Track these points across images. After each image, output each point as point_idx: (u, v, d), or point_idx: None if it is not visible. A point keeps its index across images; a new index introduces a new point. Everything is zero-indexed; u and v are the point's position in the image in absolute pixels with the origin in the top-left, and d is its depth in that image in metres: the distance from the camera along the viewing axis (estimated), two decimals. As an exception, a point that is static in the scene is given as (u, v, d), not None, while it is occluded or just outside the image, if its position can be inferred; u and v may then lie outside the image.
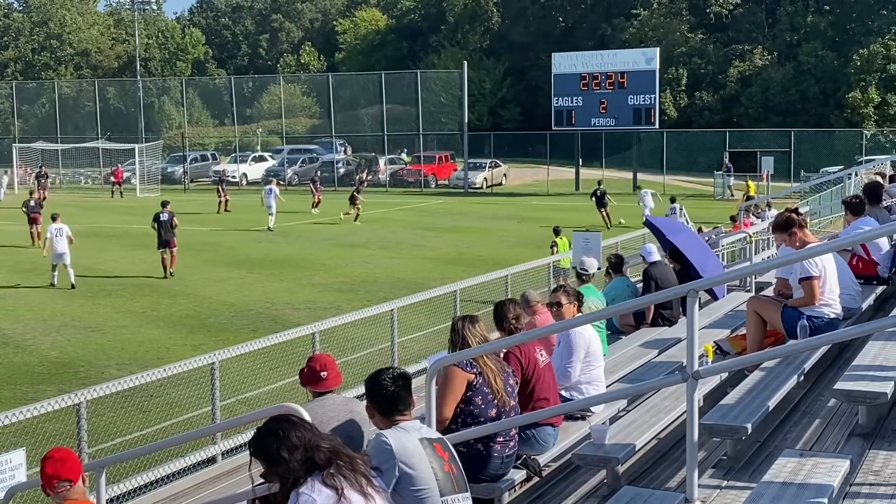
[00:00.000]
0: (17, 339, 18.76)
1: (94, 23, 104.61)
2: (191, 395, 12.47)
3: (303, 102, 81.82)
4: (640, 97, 54.66)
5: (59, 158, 68.30)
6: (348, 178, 64.65)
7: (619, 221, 36.89)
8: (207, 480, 10.26)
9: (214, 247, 32.40)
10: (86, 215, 44.49)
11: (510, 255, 28.03)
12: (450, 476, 4.78)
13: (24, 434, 10.66)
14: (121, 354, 17.49)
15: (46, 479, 5.18)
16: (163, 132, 77.19)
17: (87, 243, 32.90)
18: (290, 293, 23.50)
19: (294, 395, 10.75)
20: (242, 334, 18.05)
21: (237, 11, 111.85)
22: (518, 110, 78.23)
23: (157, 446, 8.88)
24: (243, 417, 8.07)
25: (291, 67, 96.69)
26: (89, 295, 23.40)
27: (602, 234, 19.71)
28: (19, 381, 15.79)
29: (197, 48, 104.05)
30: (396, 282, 24.56)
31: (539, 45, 78.06)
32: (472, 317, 6.85)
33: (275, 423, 4.39)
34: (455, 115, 67.57)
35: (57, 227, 25.16)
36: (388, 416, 4.92)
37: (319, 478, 4.19)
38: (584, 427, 7.45)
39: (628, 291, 12.42)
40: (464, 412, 6.42)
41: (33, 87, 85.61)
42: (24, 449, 8.39)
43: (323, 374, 6.39)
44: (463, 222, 40.14)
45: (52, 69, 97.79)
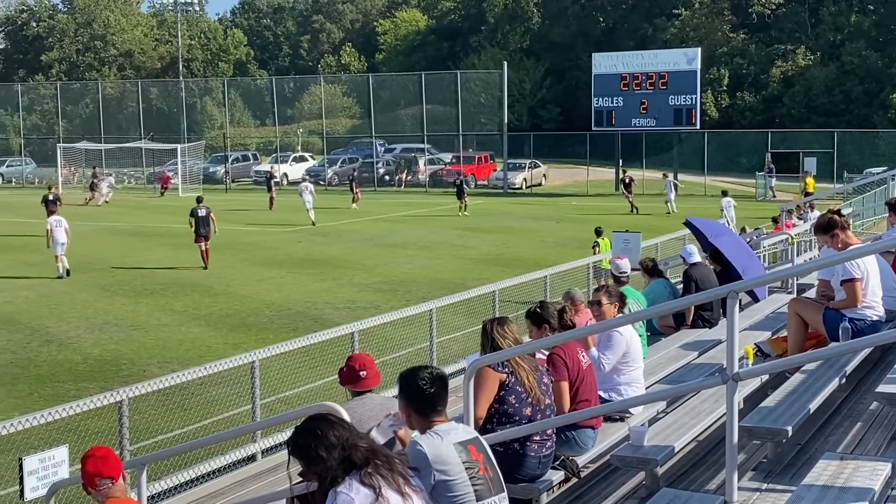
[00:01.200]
0: (61, 336, 18.98)
1: (137, 24, 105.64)
2: (231, 394, 12.55)
3: (343, 103, 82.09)
4: (682, 97, 54.32)
5: (102, 158, 68.89)
6: (388, 178, 64.88)
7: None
8: (247, 478, 10.32)
9: (255, 246, 32.60)
10: (129, 215, 44.98)
11: (549, 255, 27.97)
12: (486, 479, 4.77)
13: (67, 431, 10.79)
14: (162, 353, 17.65)
15: (88, 478, 5.19)
16: (205, 132, 77.73)
17: (130, 242, 33.28)
18: (330, 293, 23.59)
19: (333, 394, 10.80)
20: (282, 333, 18.15)
21: (279, 12, 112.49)
22: (558, 111, 78.03)
23: (198, 444, 8.95)
24: (283, 416, 8.12)
25: (332, 68, 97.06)
26: (132, 294, 23.63)
27: (642, 235, 19.60)
28: (62, 378, 15.97)
29: (239, 49, 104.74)
30: (435, 282, 24.58)
31: (579, 45, 77.81)
32: (500, 318, 6.84)
33: (313, 421, 4.41)
34: (495, 116, 67.50)
35: (56, 218, 26.92)
36: (423, 417, 4.90)
37: (357, 477, 4.21)
38: (623, 428, 7.43)
39: (667, 293, 12.35)
40: (498, 411, 6.42)
41: (77, 88, 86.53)
42: (66, 446, 8.48)
43: (362, 373, 6.42)
44: (502, 223, 40.10)
45: (96, 70, 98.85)
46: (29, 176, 72.09)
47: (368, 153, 66.03)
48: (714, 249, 12.76)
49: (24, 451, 9.20)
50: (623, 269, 12.44)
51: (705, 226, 14.16)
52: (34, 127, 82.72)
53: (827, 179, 52.08)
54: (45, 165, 71.05)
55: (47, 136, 77.33)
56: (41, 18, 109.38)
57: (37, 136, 79.84)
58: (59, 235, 26.38)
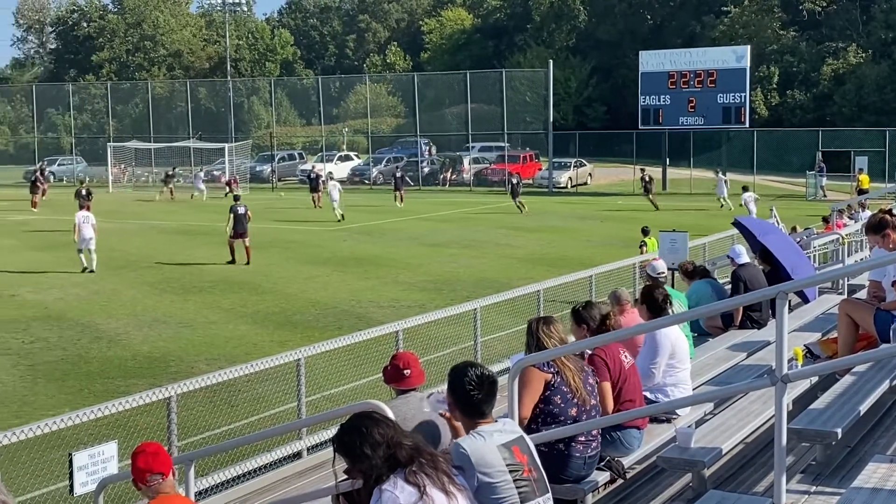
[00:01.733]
0: (111, 333, 19.21)
1: (186, 24, 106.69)
2: (277, 391, 12.62)
3: (388, 102, 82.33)
4: (730, 95, 53.82)
5: (151, 157, 69.72)
6: (433, 177, 64.96)
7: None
8: (292, 475, 10.37)
9: (301, 245, 32.78)
10: (177, 213, 45.41)
11: (595, 255, 27.86)
12: (530, 481, 4.75)
13: (117, 427, 10.91)
14: (210, 350, 17.79)
15: (138, 473, 5.21)
16: (252, 132, 78.34)
17: (178, 240, 33.61)
18: (375, 291, 23.66)
19: (377, 392, 10.82)
20: (327, 331, 18.22)
21: (325, 12, 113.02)
22: (604, 109, 77.70)
23: (245, 440, 9.00)
24: (328, 414, 8.14)
25: (377, 67, 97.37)
26: (180, 291, 23.86)
27: (689, 234, 19.44)
28: (112, 374, 16.16)
29: (285, 49, 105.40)
30: (480, 281, 24.57)
31: (626, 43, 77.42)
32: (546, 318, 6.82)
33: (358, 419, 4.42)
34: (540, 115, 67.32)
35: (84, 214, 27.92)
36: (468, 418, 4.90)
37: (402, 475, 4.22)
38: (670, 430, 7.37)
39: (711, 292, 12.23)
40: (543, 412, 6.39)
41: (127, 88, 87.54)
42: (115, 441, 8.56)
43: (406, 371, 6.42)
44: (547, 222, 39.98)
45: (146, 70, 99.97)
46: (80, 174, 72.94)
47: (413, 152, 66.18)
48: (763, 249, 12.64)
49: (73, 446, 9.31)
50: (659, 269, 12.36)
51: (754, 225, 14.03)
52: (85, 126, 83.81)
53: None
54: (95, 164, 71.95)
55: (98, 136, 78.32)
56: (92, 19, 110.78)
57: (87, 136, 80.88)
58: (86, 231, 27.20)
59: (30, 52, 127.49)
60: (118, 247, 32.52)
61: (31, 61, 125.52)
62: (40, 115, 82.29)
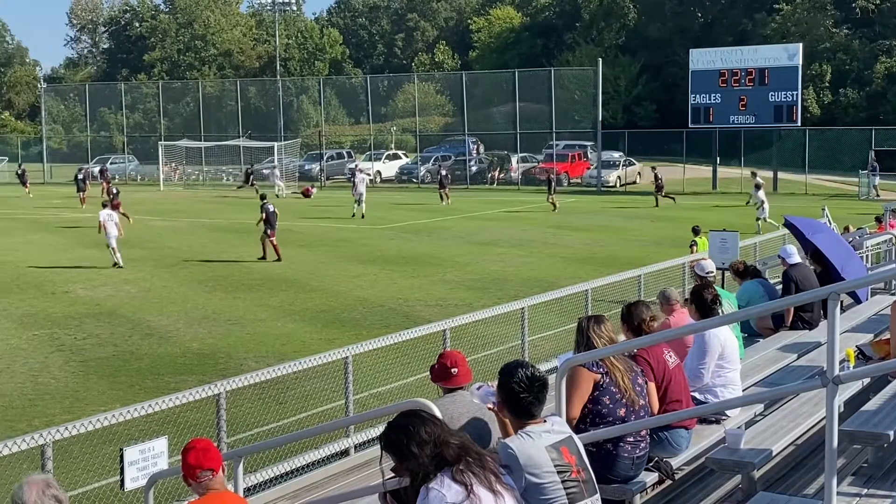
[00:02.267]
0: (161, 330, 19.42)
1: (236, 24, 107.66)
2: (325, 388, 12.68)
3: (436, 101, 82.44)
4: (782, 94, 53.23)
5: (202, 156, 70.40)
6: (480, 176, 64.93)
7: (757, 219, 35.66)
8: (339, 473, 10.41)
9: (348, 243, 32.92)
10: (228, 211, 45.81)
11: (643, 254, 27.69)
12: (578, 482, 4.73)
13: (167, 423, 11.03)
14: (259, 347, 17.92)
15: (189, 469, 5.22)
16: (301, 130, 78.80)
17: (228, 238, 33.90)
18: (422, 290, 23.71)
19: (424, 390, 10.84)
20: (375, 330, 18.29)
21: (374, 11, 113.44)
22: (653, 108, 77.18)
23: (293, 437, 9.06)
24: (375, 411, 8.17)
25: (426, 66, 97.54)
26: (229, 289, 24.06)
27: (739, 234, 19.27)
28: (162, 371, 16.33)
29: (334, 48, 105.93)
30: (527, 280, 24.52)
31: (676, 41, 76.87)
32: (597, 317, 6.80)
33: (405, 418, 4.43)
34: (589, 113, 67.04)
35: (108, 213, 28.71)
36: (517, 419, 4.90)
37: (449, 473, 4.22)
38: (719, 431, 7.32)
39: (762, 293, 12.11)
40: (592, 412, 6.37)
41: (178, 87, 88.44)
42: (166, 437, 8.65)
43: (453, 370, 6.42)
44: (595, 221, 39.82)
45: (197, 69, 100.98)
46: (131, 173, 73.93)
47: (461, 151, 66.20)
48: (815, 249, 12.50)
49: (124, 441, 9.43)
50: (708, 269, 12.27)
51: (804, 224, 13.87)
52: (136, 125, 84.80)
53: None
54: (146, 163, 72.77)
55: (149, 134, 79.20)
56: (144, 19, 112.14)
57: (139, 134, 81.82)
58: (111, 229, 27.96)
59: (83, 51, 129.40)
60: (169, 244, 32.88)
61: (85, 61, 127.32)
62: (93, 115, 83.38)
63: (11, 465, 9.79)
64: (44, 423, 12.51)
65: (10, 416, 13.82)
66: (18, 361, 16.92)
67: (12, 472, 10.62)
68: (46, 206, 47.97)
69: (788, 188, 53.55)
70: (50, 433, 8.24)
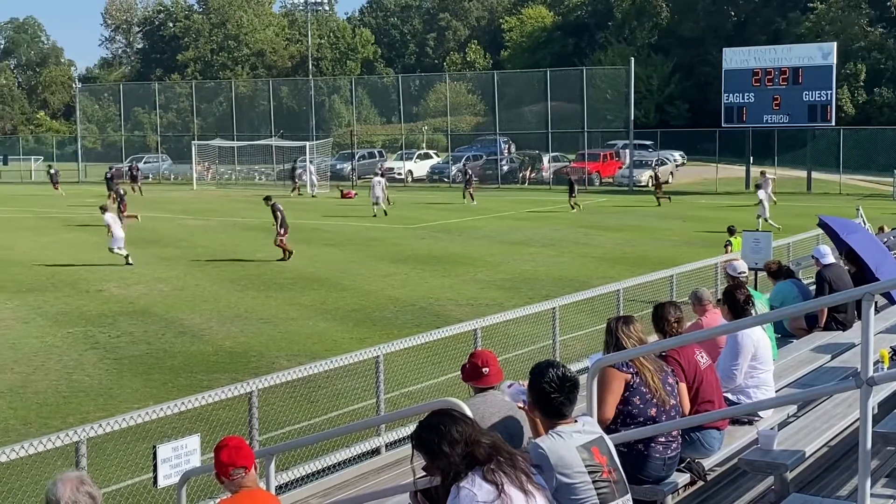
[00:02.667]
0: (194, 328, 19.53)
1: (269, 24, 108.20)
2: (356, 387, 12.72)
3: (468, 100, 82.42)
4: (816, 93, 52.80)
5: (234, 155, 70.78)
6: (511, 175, 64.87)
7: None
8: (370, 471, 10.44)
9: (380, 242, 32.98)
10: (260, 210, 45.94)
11: (676, 254, 27.57)
12: (610, 482, 4.72)
13: (199, 420, 11.09)
14: (290, 346, 17.99)
15: (222, 467, 5.23)
16: (332, 130, 79.04)
17: (259, 237, 34.02)
18: (453, 289, 23.71)
19: (455, 390, 10.84)
20: (406, 329, 18.31)
21: (406, 11, 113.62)
22: (686, 107, 76.77)
23: (324, 436, 9.08)
24: (406, 410, 8.18)
25: (457, 65, 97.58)
26: (261, 288, 24.17)
27: (773, 234, 19.13)
28: (195, 369, 16.43)
29: (366, 48, 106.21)
30: (559, 280, 24.48)
31: (709, 40, 76.44)
32: (626, 317, 6.79)
33: (437, 417, 4.44)
34: (621, 113, 66.76)
35: (112, 215, 29.52)
36: (547, 419, 4.89)
37: (480, 473, 4.22)
38: (751, 432, 7.28)
39: (796, 293, 12.02)
40: (622, 412, 6.35)
41: (211, 87, 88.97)
42: (198, 435, 8.70)
43: (484, 370, 6.42)
44: (627, 221, 39.68)
45: (230, 69, 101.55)
46: (165, 172, 74.45)
47: (492, 150, 66.15)
48: (849, 249, 12.41)
49: (157, 439, 9.50)
50: (739, 269, 12.21)
51: (838, 224, 13.77)
52: (170, 124, 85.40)
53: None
54: (180, 162, 73.28)
55: (183, 134, 79.74)
56: (177, 19, 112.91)
57: (172, 134, 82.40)
58: (118, 231, 28.39)
59: (117, 51, 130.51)
60: (202, 243, 33.08)
61: (119, 61, 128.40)
62: (127, 114, 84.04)
63: (46, 462, 9.88)
64: (78, 421, 12.63)
65: (45, 413, 13.96)
66: (53, 359, 17.08)
67: (47, 468, 10.73)
68: (80, 204, 48.34)
69: (822, 188, 53.12)
70: (84, 430, 8.31)
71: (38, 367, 16.56)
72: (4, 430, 13.11)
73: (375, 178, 44.75)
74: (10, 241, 33.90)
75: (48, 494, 4.14)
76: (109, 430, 8.61)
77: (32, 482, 10.18)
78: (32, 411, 14.05)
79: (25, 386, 15.36)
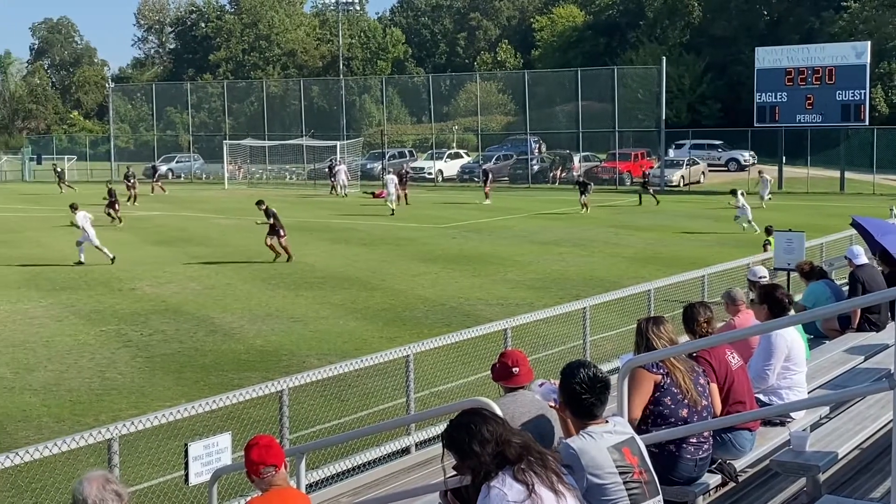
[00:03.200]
0: (225, 327, 19.64)
1: (300, 24, 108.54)
2: (386, 386, 12.74)
3: (498, 100, 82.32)
4: (850, 93, 52.38)
5: (265, 155, 71.06)
6: (542, 175, 64.74)
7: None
8: (400, 470, 10.46)
9: (410, 242, 33.03)
10: (291, 210, 46.14)
11: (707, 254, 27.41)
12: (641, 483, 4.70)
13: (230, 419, 11.15)
14: (321, 344, 18.05)
15: (252, 466, 5.27)
16: (363, 129, 79.18)
17: (291, 237, 34.10)
18: (483, 289, 23.70)
19: (485, 389, 10.84)
20: (436, 328, 18.33)
21: (436, 10, 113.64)
22: (718, 106, 76.30)
23: (355, 434, 9.10)
24: (436, 410, 8.18)
25: (488, 65, 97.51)
26: (292, 286, 24.27)
27: (806, 235, 18.97)
28: (226, 367, 16.51)
29: (397, 47, 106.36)
30: (589, 280, 24.41)
31: (742, 39, 75.96)
32: (656, 318, 6.76)
33: (467, 416, 4.44)
34: (652, 112, 66.45)
35: (84, 214, 29.30)
36: (578, 419, 4.88)
37: (510, 472, 4.22)
38: (783, 433, 7.23)
39: (828, 294, 11.93)
40: (653, 413, 6.33)
41: (243, 87, 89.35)
42: (229, 433, 8.74)
43: (514, 369, 6.42)
44: (658, 221, 39.50)
45: (261, 69, 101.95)
46: (197, 171, 74.88)
47: (523, 150, 66.06)
48: (883, 250, 12.30)
49: (189, 437, 9.55)
50: (760, 274, 12.18)
51: (872, 225, 13.66)
52: (202, 124, 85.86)
53: None
54: (211, 161, 73.68)
55: (214, 133, 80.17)
56: (209, 19, 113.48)
57: (204, 133, 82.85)
58: (89, 229, 28.79)
59: (150, 51, 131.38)
60: (233, 242, 33.25)
61: (151, 61, 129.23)
62: (159, 114, 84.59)
63: (79, 459, 9.97)
64: (110, 418, 12.73)
65: (78, 410, 14.08)
66: (86, 357, 17.23)
67: (79, 465, 10.82)
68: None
69: (856, 188, 52.67)
70: (116, 428, 8.38)
71: (71, 364, 16.71)
72: (38, 427, 13.25)
73: (388, 177, 45.93)
74: (45, 240, 34.22)
75: (75, 493, 4.17)
76: (141, 427, 8.67)
77: (65, 479, 10.27)
78: (66, 409, 14.18)
79: (59, 384, 15.51)
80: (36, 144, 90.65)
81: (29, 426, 13.34)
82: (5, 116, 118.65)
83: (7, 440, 12.61)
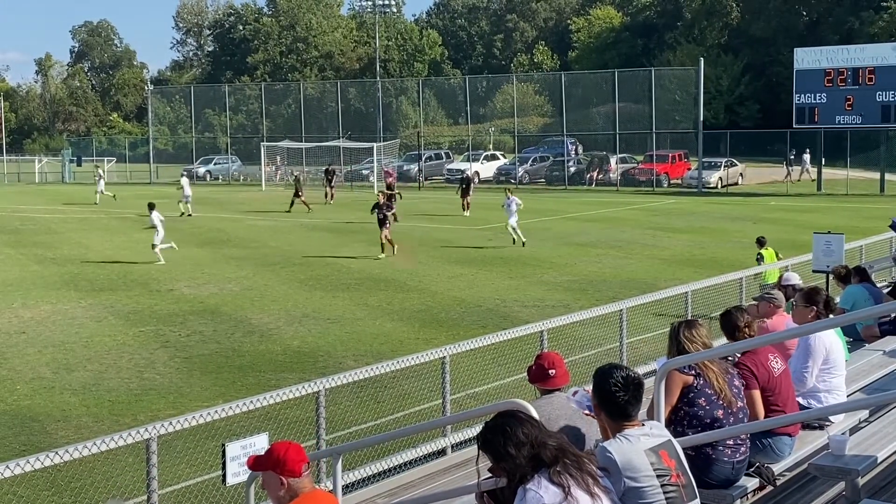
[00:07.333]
0: (262, 328, 19.74)
1: (337, 26, 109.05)
2: (422, 388, 12.75)
3: (535, 101, 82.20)
4: (890, 93, 51.75)
5: (303, 157, 71.34)
6: (579, 176, 64.53)
7: None
8: (436, 472, 10.46)
9: (447, 243, 33.04)
10: (327, 211, 46.35)
11: (745, 257, 27.16)
12: (678, 486, 4.68)
13: (267, 419, 11.22)
14: (357, 346, 18.10)
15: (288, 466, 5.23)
16: (400, 131, 79.33)
17: (327, 238, 34.33)
18: (519, 290, 23.66)
19: (521, 391, 10.83)
20: (472, 330, 18.32)
21: (473, 12, 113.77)
22: (756, 108, 75.84)
23: (391, 436, 9.11)
24: (472, 411, 8.18)
25: (524, 67, 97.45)
26: (328, 288, 24.35)
27: (845, 237, 18.77)
28: (263, 368, 16.60)
29: (434, 49, 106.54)
30: (626, 282, 24.31)
31: (780, 39, 75.45)
32: (689, 322, 6.74)
33: (503, 418, 4.44)
34: (689, 113, 66.10)
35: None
36: (614, 421, 4.86)
37: (546, 475, 4.21)
38: (822, 437, 7.17)
39: (867, 296, 11.79)
40: (688, 414, 6.29)
41: (280, 89, 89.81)
42: (267, 433, 8.79)
43: (551, 371, 6.41)
44: (696, 223, 39.27)
45: (298, 71, 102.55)
46: (234, 173, 75.32)
47: (559, 151, 65.88)
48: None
49: (226, 437, 9.62)
50: (793, 281, 12.07)
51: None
52: (240, 126, 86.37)
53: None
54: (249, 163, 74.07)
55: (252, 135, 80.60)
56: (247, 22, 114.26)
57: (242, 135, 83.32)
58: (161, 229, 29.38)
59: (188, 54, 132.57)
60: (270, 243, 33.41)
61: (190, 63, 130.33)
62: (198, 116, 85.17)
63: (118, 459, 10.07)
64: (149, 418, 12.83)
65: (117, 410, 14.21)
66: (125, 357, 17.38)
67: (118, 465, 10.94)
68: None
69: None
70: (155, 427, 8.44)
71: (110, 364, 16.87)
72: (77, 427, 13.39)
73: None
74: (85, 241, 34.57)
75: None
76: (179, 427, 8.73)
77: (103, 478, 10.38)
78: (104, 408, 14.32)
79: (98, 383, 15.66)
80: (76, 146, 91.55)
81: (68, 426, 13.49)
82: (46, 118, 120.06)
83: (47, 439, 12.76)
